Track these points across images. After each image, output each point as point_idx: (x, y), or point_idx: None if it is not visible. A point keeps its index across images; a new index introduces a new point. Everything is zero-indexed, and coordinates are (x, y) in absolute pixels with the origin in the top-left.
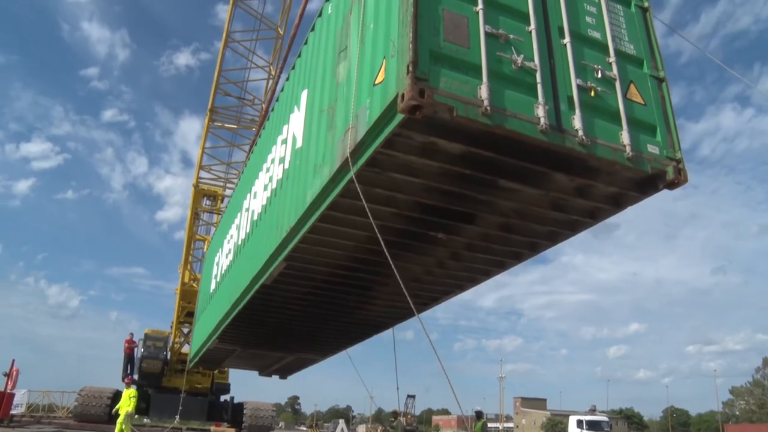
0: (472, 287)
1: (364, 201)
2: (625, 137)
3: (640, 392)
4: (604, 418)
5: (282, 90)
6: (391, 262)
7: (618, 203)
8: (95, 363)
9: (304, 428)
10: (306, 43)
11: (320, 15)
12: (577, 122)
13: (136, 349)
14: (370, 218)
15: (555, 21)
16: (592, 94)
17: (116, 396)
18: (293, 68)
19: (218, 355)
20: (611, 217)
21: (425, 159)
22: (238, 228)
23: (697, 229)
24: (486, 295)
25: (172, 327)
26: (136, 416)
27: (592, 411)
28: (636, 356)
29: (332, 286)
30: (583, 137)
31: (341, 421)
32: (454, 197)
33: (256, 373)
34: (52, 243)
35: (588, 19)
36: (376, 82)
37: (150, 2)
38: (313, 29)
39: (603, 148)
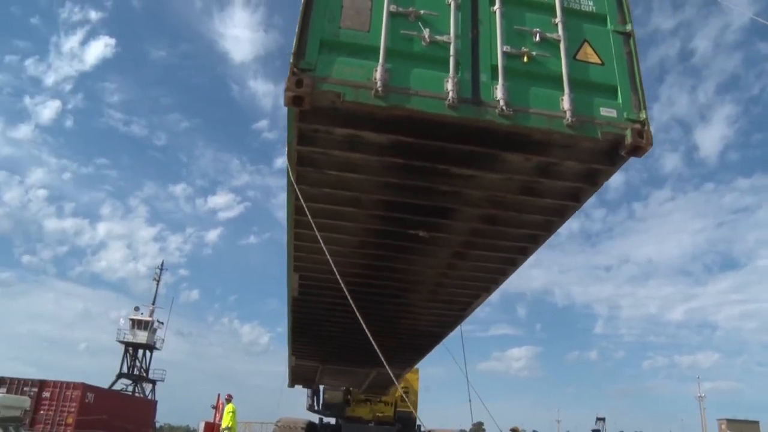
0: (497, 288)
1: (302, 201)
2: (565, 102)
3: None
4: None
5: None
6: (341, 283)
7: (593, 180)
8: (286, 395)
9: None
10: None
11: None
12: (499, 92)
13: None
14: (309, 217)
15: None
16: (525, 59)
17: (309, 426)
18: None
19: (305, 372)
20: (592, 196)
21: (356, 153)
22: None
23: None
24: (673, 307)
25: None
26: None
27: None
28: None
29: (359, 296)
30: (503, 107)
31: None
32: (413, 191)
33: (442, 398)
34: (241, 285)
35: None
36: None
37: None
38: None
39: (536, 117)
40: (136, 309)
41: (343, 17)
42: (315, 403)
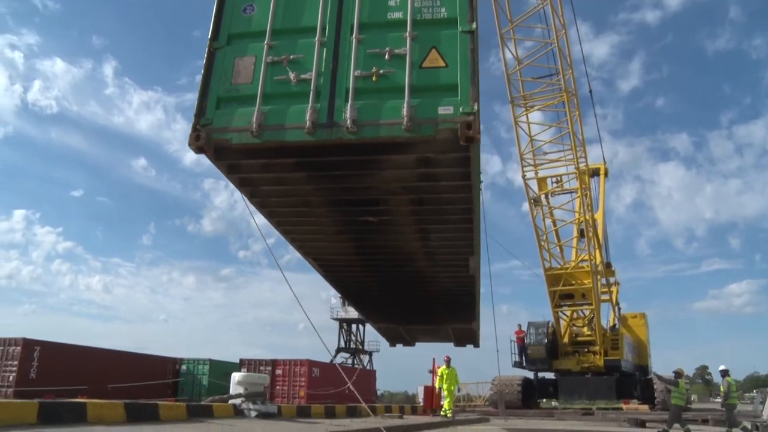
0: (479, 248)
1: (249, 210)
2: (405, 109)
3: None
4: None
5: None
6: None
7: (465, 163)
8: (492, 354)
9: (720, 401)
10: None
11: None
12: (348, 113)
13: (525, 338)
14: (258, 226)
15: (349, 20)
16: (374, 78)
17: (525, 382)
18: None
19: (392, 333)
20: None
21: (275, 173)
22: None
23: None
24: None
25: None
26: None
27: None
28: None
29: (375, 268)
30: (349, 125)
31: None
32: (340, 191)
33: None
34: None
35: (391, 2)
36: None
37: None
38: None
39: (384, 127)
40: None
41: (234, 75)
42: (522, 360)
